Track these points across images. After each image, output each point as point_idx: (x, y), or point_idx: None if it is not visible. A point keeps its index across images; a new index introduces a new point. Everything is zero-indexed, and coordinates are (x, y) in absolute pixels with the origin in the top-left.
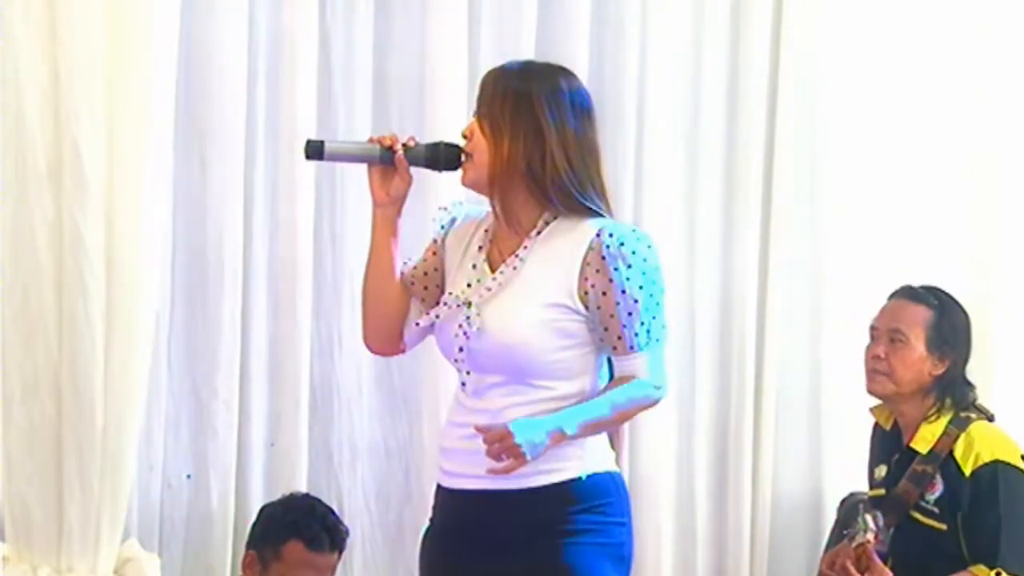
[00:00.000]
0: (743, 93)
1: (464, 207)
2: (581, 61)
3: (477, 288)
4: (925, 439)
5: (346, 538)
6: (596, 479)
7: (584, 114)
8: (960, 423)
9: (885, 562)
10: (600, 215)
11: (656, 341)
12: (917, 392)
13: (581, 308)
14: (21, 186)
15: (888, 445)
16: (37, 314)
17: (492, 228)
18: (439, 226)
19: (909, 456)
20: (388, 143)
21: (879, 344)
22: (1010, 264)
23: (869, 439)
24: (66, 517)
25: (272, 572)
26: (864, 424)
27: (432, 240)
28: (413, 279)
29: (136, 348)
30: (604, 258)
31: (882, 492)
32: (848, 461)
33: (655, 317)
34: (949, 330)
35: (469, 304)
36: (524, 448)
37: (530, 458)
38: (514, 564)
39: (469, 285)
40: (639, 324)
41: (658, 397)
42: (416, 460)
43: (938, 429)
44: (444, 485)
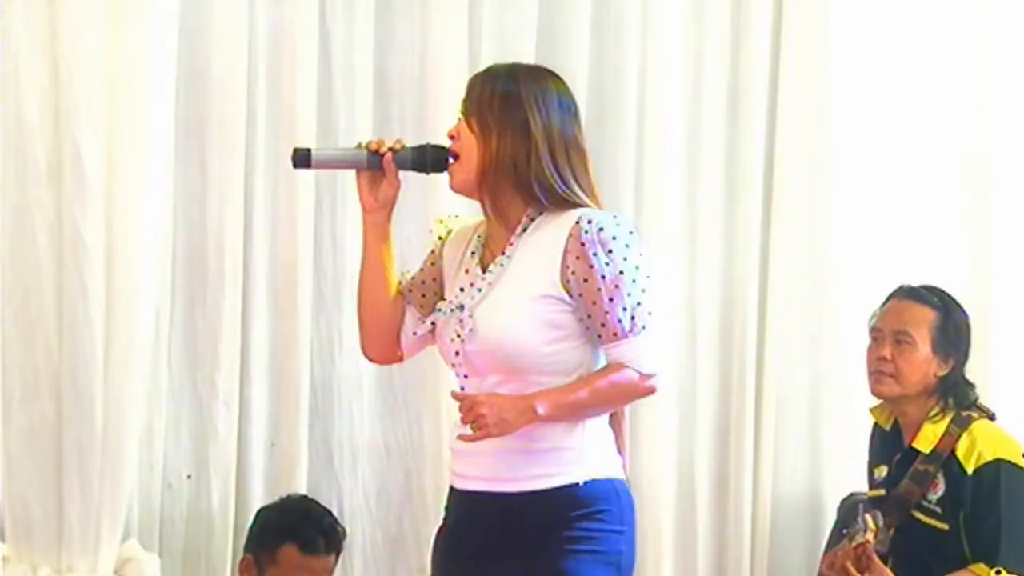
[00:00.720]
0: (743, 93)
1: (461, 218)
2: (581, 61)
3: (469, 291)
4: (927, 439)
5: (343, 539)
6: (595, 486)
7: (570, 116)
8: (962, 422)
9: (885, 562)
10: (584, 207)
11: (642, 328)
12: (922, 393)
13: (566, 296)
14: (21, 186)
15: (888, 445)
16: (37, 314)
17: (484, 231)
18: (436, 236)
19: (911, 456)
20: (375, 147)
21: (883, 346)
22: (1010, 264)
23: (869, 439)
24: (66, 517)
25: None
26: (864, 424)
27: (431, 251)
28: (411, 287)
29: (136, 348)
30: (583, 244)
31: (882, 492)
32: (848, 461)
33: (639, 303)
34: (953, 331)
35: (462, 307)
36: (489, 419)
37: (496, 432)
38: (508, 567)
39: (462, 290)
40: (621, 310)
41: (649, 385)
42: (416, 460)
43: (940, 429)
44: (454, 486)
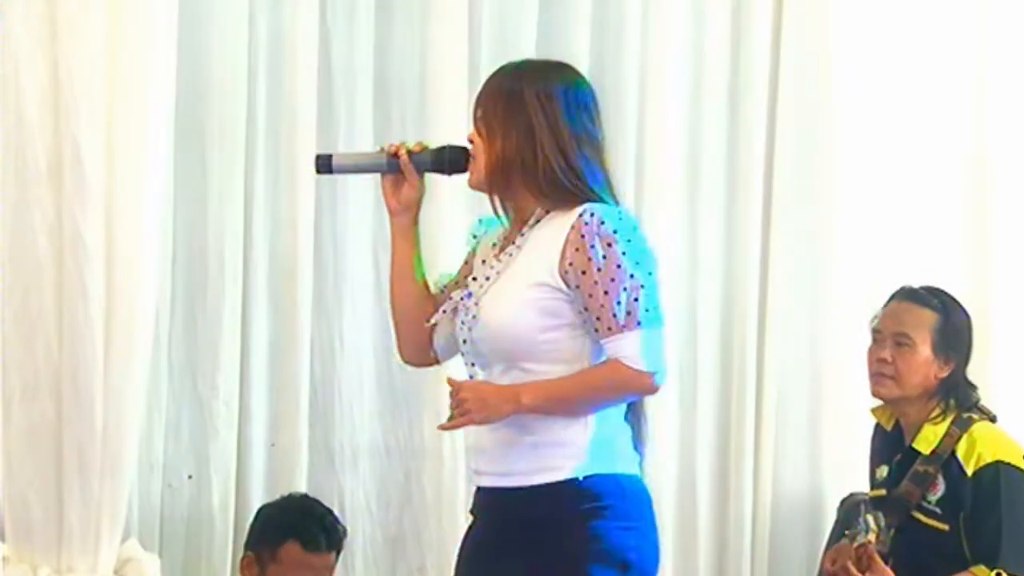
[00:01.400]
0: (743, 93)
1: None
2: (582, 61)
3: (481, 280)
4: (928, 440)
5: (344, 538)
6: (595, 480)
7: (581, 108)
8: (963, 424)
9: (885, 562)
10: (596, 201)
11: (638, 324)
12: (922, 395)
13: (563, 286)
14: (21, 186)
15: (889, 446)
16: (37, 314)
17: (505, 229)
18: (471, 235)
19: (911, 457)
20: (393, 150)
21: (884, 347)
22: (1010, 264)
23: (870, 440)
24: (66, 517)
25: (269, 573)
26: (864, 424)
27: (469, 251)
28: (444, 287)
29: (136, 348)
30: (583, 236)
31: (883, 493)
32: (848, 461)
33: (637, 299)
34: (953, 333)
35: (471, 295)
36: (470, 404)
37: (478, 419)
38: (512, 561)
39: (474, 279)
40: (615, 303)
41: (648, 382)
42: (417, 460)
43: (941, 430)
44: (474, 482)
